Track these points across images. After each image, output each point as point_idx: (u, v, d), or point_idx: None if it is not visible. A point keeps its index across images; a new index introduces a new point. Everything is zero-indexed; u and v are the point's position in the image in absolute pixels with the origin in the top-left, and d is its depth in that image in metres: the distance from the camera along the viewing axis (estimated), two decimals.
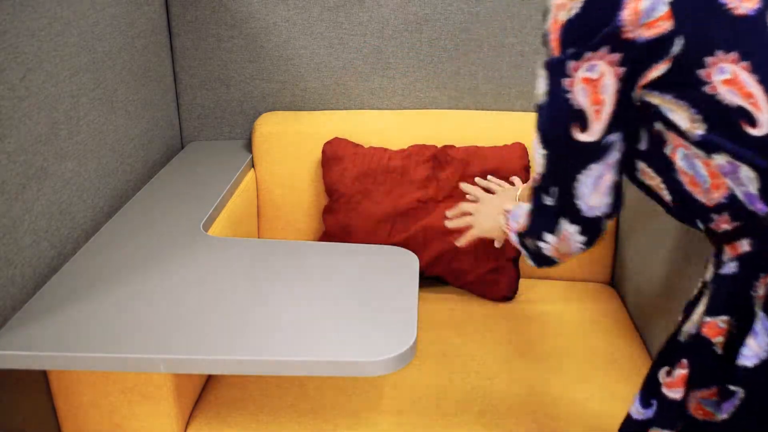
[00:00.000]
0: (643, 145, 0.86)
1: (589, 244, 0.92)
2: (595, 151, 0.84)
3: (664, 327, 1.38)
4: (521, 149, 1.68)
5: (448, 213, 1.30)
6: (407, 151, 1.71)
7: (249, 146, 1.85)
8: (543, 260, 0.99)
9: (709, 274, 0.90)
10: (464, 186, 1.31)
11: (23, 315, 1.13)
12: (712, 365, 0.85)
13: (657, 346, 1.42)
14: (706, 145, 0.80)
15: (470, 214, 1.25)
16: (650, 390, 0.93)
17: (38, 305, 1.15)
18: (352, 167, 1.68)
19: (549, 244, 0.94)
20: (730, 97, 0.77)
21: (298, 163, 1.76)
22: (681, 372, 0.87)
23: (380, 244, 1.62)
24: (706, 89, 0.78)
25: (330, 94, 1.84)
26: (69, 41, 1.30)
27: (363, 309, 1.12)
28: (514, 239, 1.03)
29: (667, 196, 0.88)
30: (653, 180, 0.88)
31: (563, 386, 1.35)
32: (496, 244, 1.19)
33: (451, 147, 1.70)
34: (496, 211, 1.15)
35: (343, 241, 1.66)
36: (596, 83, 0.80)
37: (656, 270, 1.45)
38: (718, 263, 0.86)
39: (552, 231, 0.92)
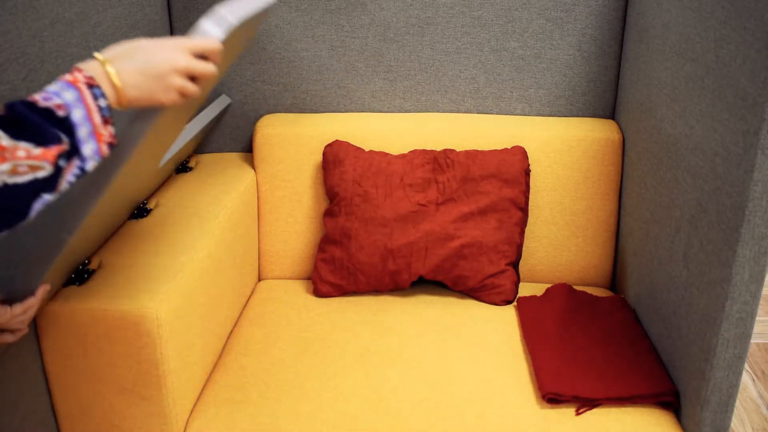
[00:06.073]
0: None
1: None
2: None
3: (665, 330, 1.38)
4: (521, 153, 1.68)
5: None
6: (408, 154, 1.71)
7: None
8: None
9: None
10: None
11: None
12: None
13: (660, 348, 1.42)
14: None
15: None
16: None
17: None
18: (353, 170, 1.68)
19: None
20: None
21: (299, 166, 1.76)
22: None
23: (380, 247, 1.62)
24: None
25: (331, 97, 1.85)
26: (71, 42, 1.30)
27: None
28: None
29: None
30: None
31: None
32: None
33: (452, 150, 1.70)
34: None
35: (343, 243, 1.66)
36: None
37: (656, 274, 1.45)
38: None
39: None
